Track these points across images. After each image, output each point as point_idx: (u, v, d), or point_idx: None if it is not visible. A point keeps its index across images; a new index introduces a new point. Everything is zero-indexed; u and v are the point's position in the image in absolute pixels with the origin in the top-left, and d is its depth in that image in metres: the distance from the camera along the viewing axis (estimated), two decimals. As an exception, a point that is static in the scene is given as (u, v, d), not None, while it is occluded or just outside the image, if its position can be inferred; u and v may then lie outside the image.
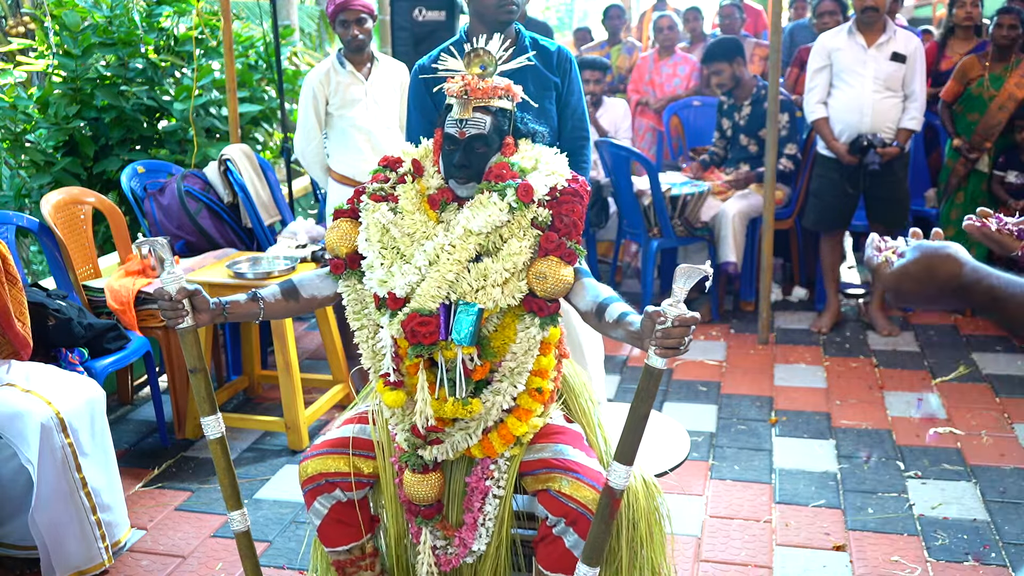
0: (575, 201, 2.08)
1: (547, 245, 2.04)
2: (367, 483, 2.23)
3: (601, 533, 1.96)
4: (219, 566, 2.92)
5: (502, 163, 2.08)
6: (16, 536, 2.86)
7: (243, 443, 3.79)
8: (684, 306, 1.77)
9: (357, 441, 2.21)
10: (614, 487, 1.91)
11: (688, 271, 1.76)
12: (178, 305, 2.08)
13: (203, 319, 2.12)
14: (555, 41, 3.03)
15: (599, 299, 2.03)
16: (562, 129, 2.96)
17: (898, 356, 4.58)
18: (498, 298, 2.01)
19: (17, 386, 2.76)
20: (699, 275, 1.76)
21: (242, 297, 2.18)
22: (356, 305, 2.18)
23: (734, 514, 3.17)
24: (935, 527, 3.06)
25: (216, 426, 2.20)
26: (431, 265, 2.02)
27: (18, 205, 5.28)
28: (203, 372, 2.16)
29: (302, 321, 5.18)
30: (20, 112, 5.34)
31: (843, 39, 4.67)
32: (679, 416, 3.95)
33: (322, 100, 4.12)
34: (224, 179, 4.40)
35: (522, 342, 2.07)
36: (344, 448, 2.20)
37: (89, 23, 5.39)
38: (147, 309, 3.70)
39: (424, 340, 2.00)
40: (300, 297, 2.23)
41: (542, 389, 2.13)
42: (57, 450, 2.67)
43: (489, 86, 2.06)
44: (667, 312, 1.76)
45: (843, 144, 4.64)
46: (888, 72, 4.58)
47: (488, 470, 2.12)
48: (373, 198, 2.14)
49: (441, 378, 2.07)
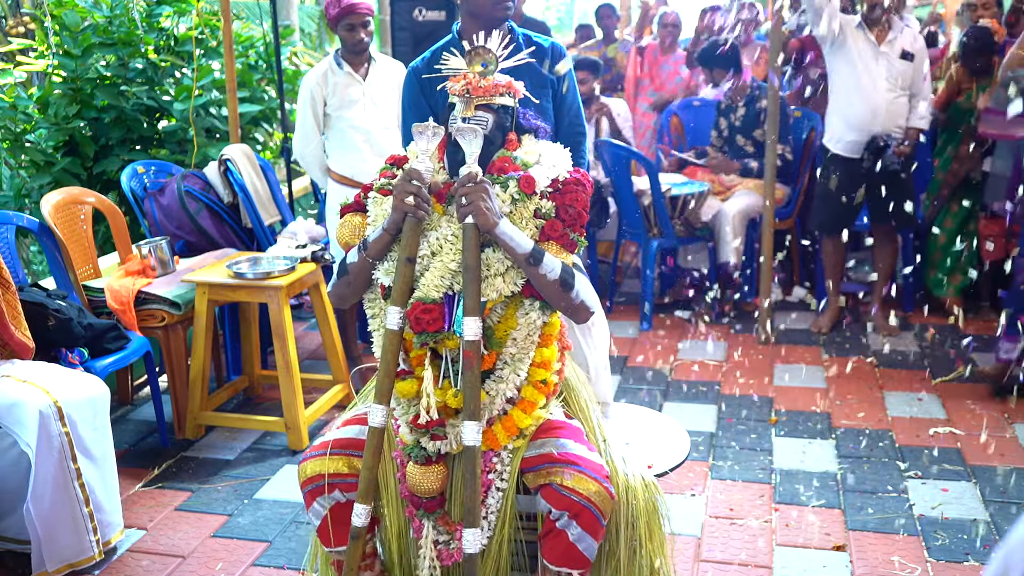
0: (579, 191, 2.12)
1: (550, 232, 2.09)
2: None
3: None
4: (219, 566, 2.92)
5: (504, 156, 2.13)
6: (15, 530, 2.85)
7: (243, 443, 3.79)
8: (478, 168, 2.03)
9: (358, 442, 2.21)
10: (467, 338, 2.01)
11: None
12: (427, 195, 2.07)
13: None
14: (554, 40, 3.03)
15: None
16: (559, 125, 2.97)
17: (898, 356, 4.58)
18: (500, 287, 2.05)
19: (14, 377, 2.77)
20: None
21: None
22: (370, 294, 2.22)
23: (734, 514, 3.17)
24: (935, 527, 3.06)
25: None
26: (434, 255, 2.06)
27: (18, 205, 5.28)
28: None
29: (302, 321, 5.18)
30: (20, 112, 5.34)
31: (854, 30, 4.57)
32: (679, 416, 3.95)
33: (320, 101, 4.11)
34: (224, 179, 4.40)
35: (522, 327, 2.10)
36: (344, 449, 2.21)
37: (89, 23, 5.39)
38: (147, 309, 3.70)
39: (429, 327, 2.03)
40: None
41: (546, 381, 2.16)
42: (54, 438, 2.68)
43: (491, 84, 2.10)
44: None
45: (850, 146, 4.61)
46: (899, 71, 4.54)
47: (491, 463, 2.13)
48: (381, 192, 2.18)
49: (446, 369, 2.08)
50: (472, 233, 2.01)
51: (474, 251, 2.01)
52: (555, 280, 2.05)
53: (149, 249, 3.86)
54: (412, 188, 2.04)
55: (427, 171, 2.07)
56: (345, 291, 2.21)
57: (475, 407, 2.02)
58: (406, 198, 2.03)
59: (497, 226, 2.01)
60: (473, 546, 2.05)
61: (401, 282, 2.06)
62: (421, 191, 2.04)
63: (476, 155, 2.04)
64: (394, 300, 2.07)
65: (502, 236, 2.02)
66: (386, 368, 2.08)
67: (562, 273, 2.05)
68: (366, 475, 2.10)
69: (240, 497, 3.34)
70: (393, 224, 2.08)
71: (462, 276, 2.03)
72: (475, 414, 2.02)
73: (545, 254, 2.04)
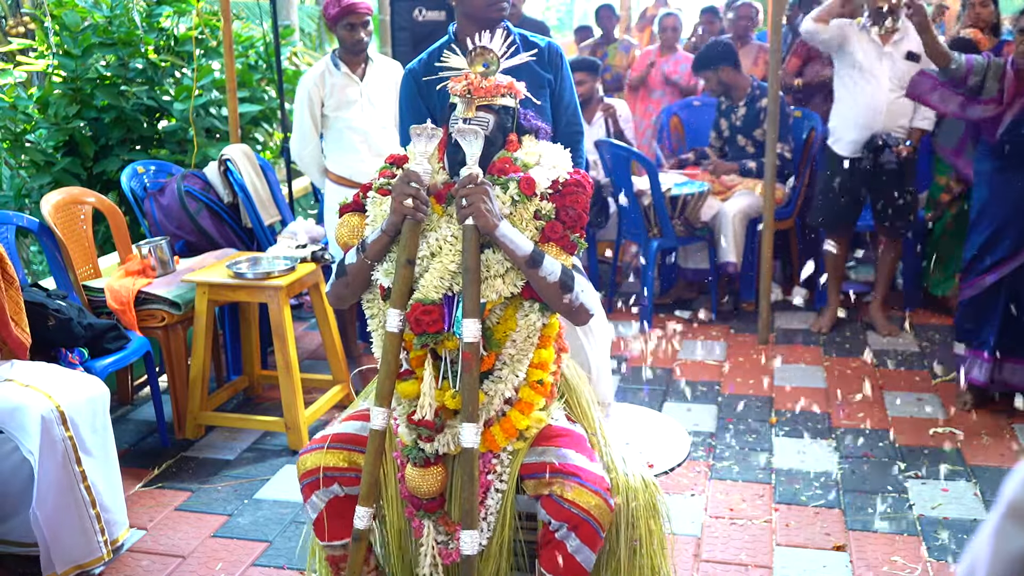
0: (579, 192, 2.12)
1: (551, 234, 2.09)
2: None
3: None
4: (219, 566, 2.92)
5: (505, 157, 2.13)
6: (17, 534, 2.86)
7: (243, 443, 3.79)
8: (478, 169, 2.04)
9: (358, 438, 2.21)
10: (466, 340, 2.01)
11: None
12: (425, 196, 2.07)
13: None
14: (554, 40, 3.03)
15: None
16: (556, 124, 2.97)
17: (898, 356, 4.58)
18: (499, 288, 2.05)
19: (16, 381, 2.77)
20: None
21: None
22: (369, 294, 2.21)
23: (734, 514, 3.17)
24: (935, 527, 3.06)
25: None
26: (433, 257, 2.06)
27: (18, 205, 5.27)
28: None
29: (302, 321, 5.18)
30: (20, 112, 5.34)
31: (858, 33, 4.58)
32: (679, 416, 3.95)
33: (318, 102, 4.10)
34: (224, 179, 4.40)
35: (522, 329, 2.10)
36: (344, 444, 2.21)
37: (89, 23, 5.39)
38: (147, 309, 3.70)
39: (429, 329, 2.03)
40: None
41: (543, 381, 2.16)
42: (57, 442, 2.68)
43: (492, 84, 2.10)
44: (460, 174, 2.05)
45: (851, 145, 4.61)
46: (903, 71, 4.51)
47: (490, 464, 2.13)
48: (380, 192, 2.18)
49: (445, 370, 2.08)
50: (472, 235, 2.01)
51: (474, 253, 2.01)
52: (555, 283, 2.05)
53: (149, 249, 3.86)
54: (411, 190, 2.04)
55: (425, 173, 2.07)
56: (344, 292, 2.21)
57: (473, 409, 2.02)
58: (405, 200, 2.03)
59: (497, 228, 2.01)
60: (470, 548, 2.05)
61: (400, 284, 2.06)
62: (420, 193, 2.04)
63: (477, 156, 2.04)
64: (393, 302, 2.07)
65: (502, 238, 2.02)
66: (387, 370, 2.08)
67: (562, 276, 2.05)
68: (367, 478, 2.09)
69: (240, 497, 3.34)
70: (392, 226, 2.08)
71: (462, 277, 2.03)
72: (473, 416, 2.02)
73: (545, 256, 2.04)
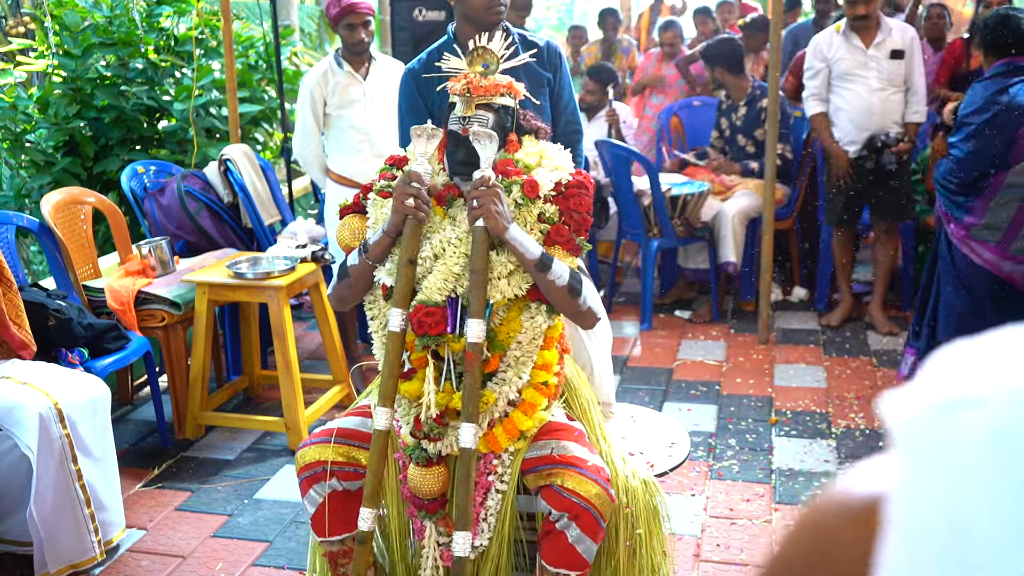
0: (582, 194, 2.12)
1: (556, 237, 2.10)
2: (365, 475, 2.23)
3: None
4: (219, 566, 2.92)
5: (506, 160, 2.13)
6: (15, 532, 2.85)
7: (243, 443, 3.79)
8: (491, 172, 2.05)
9: (358, 433, 2.22)
10: (471, 340, 2.01)
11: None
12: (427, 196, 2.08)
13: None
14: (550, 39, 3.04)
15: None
16: (556, 124, 2.97)
17: (898, 356, 4.58)
18: (504, 289, 2.05)
19: (13, 378, 2.77)
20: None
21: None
22: (370, 296, 2.21)
23: (734, 514, 3.17)
24: (935, 527, 3.05)
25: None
26: (437, 258, 2.06)
27: (18, 205, 5.27)
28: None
29: (302, 321, 5.18)
30: (20, 112, 5.33)
31: (839, 42, 4.64)
32: (679, 416, 3.95)
33: (320, 101, 4.10)
34: (224, 179, 4.40)
35: (528, 331, 2.10)
36: (344, 439, 2.21)
37: (89, 23, 5.39)
38: (147, 309, 3.70)
39: (431, 331, 2.03)
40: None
41: (547, 383, 2.16)
42: (55, 440, 2.68)
43: (491, 84, 2.10)
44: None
45: (850, 146, 4.63)
46: (890, 71, 4.56)
47: (491, 465, 2.13)
48: (381, 195, 2.18)
49: (448, 372, 2.08)
50: (482, 236, 2.01)
51: (483, 254, 2.01)
52: (563, 286, 2.05)
53: (149, 249, 3.85)
54: (412, 190, 2.04)
55: (426, 173, 2.08)
56: (346, 293, 2.22)
57: (473, 409, 2.02)
58: (406, 200, 2.04)
59: (507, 231, 2.01)
60: (462, 549, 2.05)
61: (402, 284, 2.06)
62: (421, 193, 2.04)
63: (491, 160, 2.05)
64: (396, 302, 2.07)
65: (512, 241, 2.02)
66: (389, 370, 2.08)
67: (570, 279, 2.06)
68: (372, 479, 2.09)
69: (240, 497, 3.34)
70: (393, 227, 2.08)
71: (469, 278, 2.03)
72: (473, 416, 2.02)
73: (554, 260, 2.05)
